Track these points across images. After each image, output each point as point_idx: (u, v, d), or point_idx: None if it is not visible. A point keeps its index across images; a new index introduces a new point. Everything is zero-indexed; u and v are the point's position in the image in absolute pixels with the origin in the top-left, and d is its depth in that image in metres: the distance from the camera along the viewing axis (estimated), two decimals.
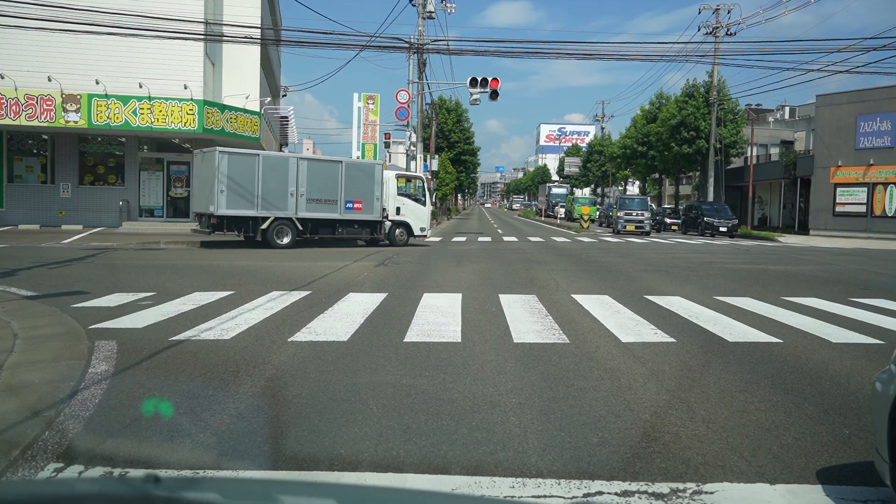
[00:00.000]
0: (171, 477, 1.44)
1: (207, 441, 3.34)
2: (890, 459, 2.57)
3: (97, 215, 22.79)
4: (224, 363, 4.91)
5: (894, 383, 2.61)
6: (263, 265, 12.44)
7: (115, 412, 3.78)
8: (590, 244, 21.73)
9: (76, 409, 3.77)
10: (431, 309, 7.47)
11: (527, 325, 6.56)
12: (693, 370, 4.94)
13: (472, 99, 26.50)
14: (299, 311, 7.19)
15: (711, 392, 4.36)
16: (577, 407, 3.97)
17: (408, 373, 4.72)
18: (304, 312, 7.13)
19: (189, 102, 21.14)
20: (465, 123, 58.00)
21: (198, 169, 18.05)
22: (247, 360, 5.02)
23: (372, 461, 3.12)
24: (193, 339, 5.66)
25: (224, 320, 6.56)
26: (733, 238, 29.80)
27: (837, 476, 3.07)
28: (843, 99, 34.29)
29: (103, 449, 3.23)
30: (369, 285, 9.58)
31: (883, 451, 2.62)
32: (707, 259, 16.05)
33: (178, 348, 5.35)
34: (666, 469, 3.09)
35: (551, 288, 9.69)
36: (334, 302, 7.87)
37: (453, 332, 6.19)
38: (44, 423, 3.50)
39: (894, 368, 2.66)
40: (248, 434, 3.47)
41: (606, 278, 11.20)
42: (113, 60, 20.77)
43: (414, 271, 11.76)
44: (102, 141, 23.27)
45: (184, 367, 4.80)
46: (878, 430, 2.68)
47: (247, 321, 6.52)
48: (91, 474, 2.90)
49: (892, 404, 2.57)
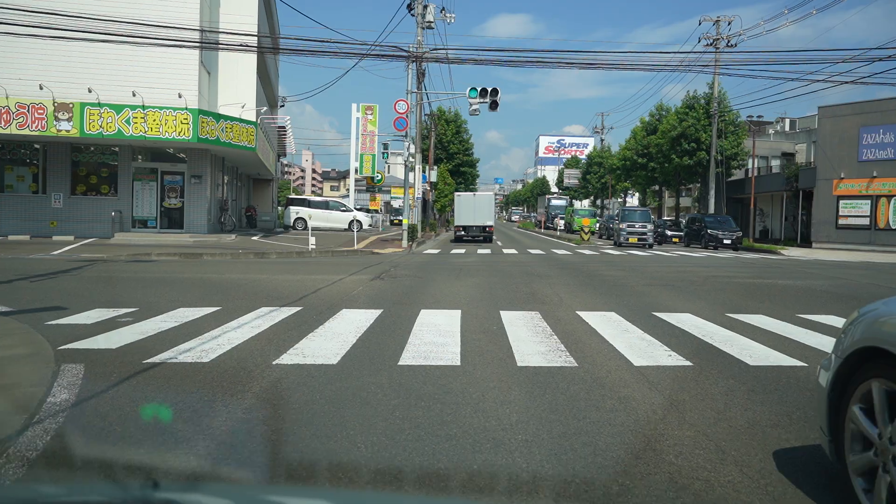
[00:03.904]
0: (169, 483, 1.38)
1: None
2: (829, 434, 2.96)
3: (89, 226, 22.36)
4: (199, 391, 4.45)
5: (833, 369, 2.97)
6: (255, 278, 12.00)
7: (64, 455, 3.32)
8: (591, 257, 21.31)
9: (22, 448, 3.31)
10: (429, 327, 7.02)
11: (531, 346, 6.11)
12: (716, 400, 4.49)
13: (471, 109, 26.16)
14: (288, 330, 6.74)
15: (740, 427, 3.91)
16: (592, 445, 3.52)
17: (402, 402, 4.28)
18: (292, 331, 6.68)
19: (183, 111, 20.78)
20: (464, 135, 57.73)
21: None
22: (224, 387, 4.57)
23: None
24: (169, 362, 5.20)
25: (206, 340, 6.10)
26: (738, 251, 29.28)
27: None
28: (845, 111, 34.02)
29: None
30: (364, 301, 9.13)
31: (825, 427, 3.02)
32: (713, 273, 15.62)
33: (150, 373, 4.90)
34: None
35: (555, 304, 9.25)
36: (326, 319, 7.42)
37: (452, 353, 5.74)
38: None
39: (834, 357, 3.00)
40: (215, 478, 3.01)
41: (611, 293, 10.77)
42: (106, 68, 20.43)
43: (411, 285, 11.32)
44: (95, 150, 22.89)
45: (154, 395, 4.35)
46: (819, 411, 3.08)
47: (230, 341, 6.06)
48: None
49: (830, 387, 2.96)
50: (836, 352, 3.02)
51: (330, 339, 6.25)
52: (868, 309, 2.96)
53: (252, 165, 30.58)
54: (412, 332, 6.73)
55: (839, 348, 3.00)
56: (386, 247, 23.74)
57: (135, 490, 1.08)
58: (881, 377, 2.67)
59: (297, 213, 34.77)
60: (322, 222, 34.41)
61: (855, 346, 2.85)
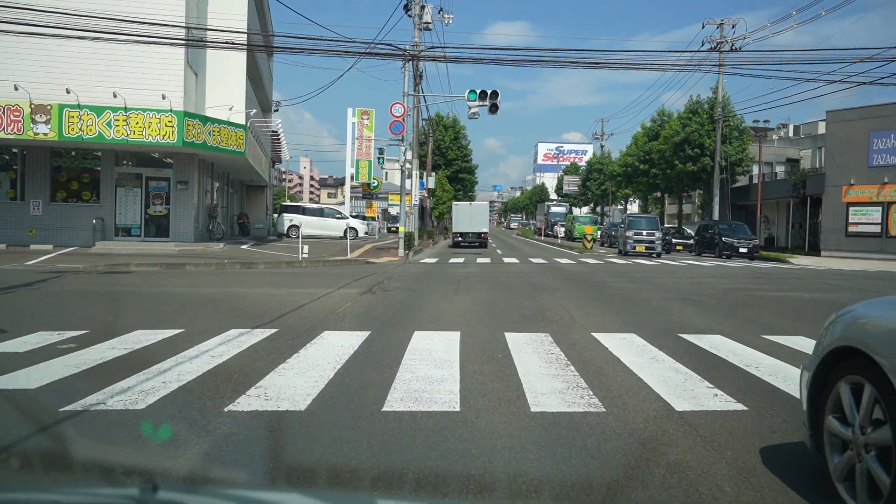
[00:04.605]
0: (168, 486, 0.99)
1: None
2: (810, 428, 3.14)
3: (70, 234, 21.28)
4: (116, 456, 3.40)
5: (813, 368, 3.13)
6: (234, 293, 10.94)
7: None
8: (596, 266, 20.27)
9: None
10: (422, 355, 5.97)
11: (545, 381, 5.07)
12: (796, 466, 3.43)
13: (470, 113, 25.16)
14: (254, 360, 5.68)
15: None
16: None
17: (384, 471, 3.23)
18: (260, 361, 5.63)
19: (168, 114, 19.74)
20: (462, 140, 56.80)
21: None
22: (152, 449, 3.51)
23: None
24: (94, 410, 4.14)
25: (151, 375, 5.05)
26: (753, 260, 27.98)
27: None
28: (854, 115, 33.07)
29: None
30: (350, 320, 8.07)
31: (806, 423, 3.18)
32: (729, 284, 14.58)
33: (63, 426, 3.84)
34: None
35: (566, 323, 8.20)
36: (303, 345, 6.36)
37: (449, 393, 4.69)
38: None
39: (814, 357, 3.14)
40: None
41: (626, 310, 9.72)
42: (86, 68, 19.40)
43: (405, 300, 10.27)
44: (77, 155, 21.84)
45: (55, 464, 3.29)
46: (803, 405, 3.22)
47: (180, 377, 5.00)
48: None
49: (810, 384, 3.14)
50: (815, 352, 3.19)
51: (303, 373, 5.19)
52: (846, 311, 3.12)
53: (243, 171, 29.54)
54: (402, 362, 5.68)
55: (818, 348, 3.16)
56: (381, 255, 22.70)
57: (134, 493, 1.11)
58: (855, 374, 2.84)
59: (291, 221, 33.73)
60: (317, 230, 33.42)
61: (832, 346, 3.01)
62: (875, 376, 2.68)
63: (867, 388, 2.75)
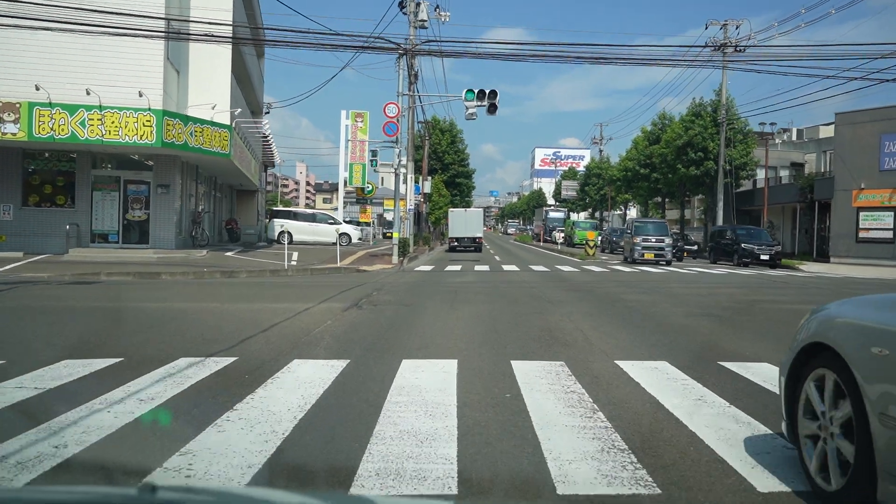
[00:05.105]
0: (167, 486, 1.24)
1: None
2: (788, 418, 3.44)
3: (43, 241, 20.01)
4: None
5: (788, 362, 3.45)
6: (203, 308, 9.68)
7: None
8: (602, 275, 19.06)
9: None
10: (410, 397, 4.73)
11: (570, 439, 3.84)
12: None
13: (467, 113, 23.97)
14: (193, 406, 4.44)
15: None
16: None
17: None
18: (199, 407, 4.39)
19: (146, 112, 18.52)
20: (459, 145, 55.58)
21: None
22: None
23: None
24: None
25: (50, 431, 3.80)
26: (775, 268, 26.09)
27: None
28: (864, 117, 31.98)
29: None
30: (327, 344, 6.83)
31: (784, 413, 3.48)
32: (752, 296, 13.38)
33: None
34: None
35: (581, 347, 6.98)
36: (262, 381, 5.12)
37: (444, 461, 3.45)
38: None
39: (790, 352, 3.45)
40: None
41: (646, 328, 8.51)
42: (57, 63, 18.17)
43: (394, 317, 9.03)
44: (50, 157, 20.58)
45: None
46: (781, 398, 3.53)
47: (84, 436, 3.75)
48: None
49: (787, 376, 3.44)
50: (791, 347, 3.46)
51: (251, 428, 3.95)
52: (820, 309, 3.42)
53: (231, 175, 28.29)
54: (384, 407, 4.44)
55: (794, 344, 3.43)
56: (374, 263, 21.47)
57: (132, 493, 1.09)
58: (824, 367, 3.12)
59: (282, 227, 32.47)
60: (309, 236, 32.22)
61: (805, 342, 3.30)
62: (840, 369, 2.97)
63: (834, 381, 3.03)
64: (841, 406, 2.98)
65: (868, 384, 2.78)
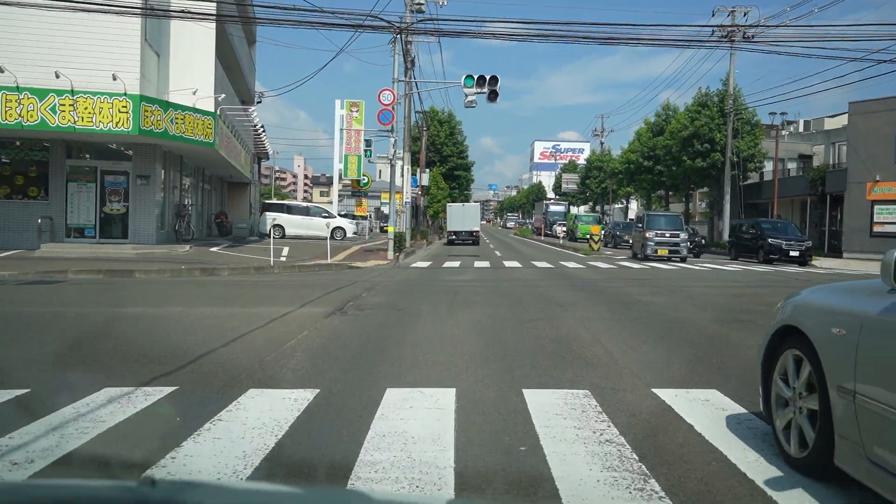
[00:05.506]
0: (167, 480, 1.25)
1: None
2: (763, 392, 3.74)
3: (14, 235, 18.75)
4: None
5: (765, 344, 3.73)
6: (165, 314, 8.45)
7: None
8: (611, 272, 17.84)
9: None
10: (393, 450, 3.51)
11: None
12: None
13: (467, 101, 22.70)
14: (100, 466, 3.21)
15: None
16: None
17: None
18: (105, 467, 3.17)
19: (122, 98, 17.24)
20: (458, 136, 54.30)
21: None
22: None
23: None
24: None
25: None
26: (804, 265, 23.74)
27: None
28: (879, 106, 30.74)
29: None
30: (296, 365, 5.60)
31: (761, 390, 3.76)
32: (779, 296, 12.17)
33: None
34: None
35: (606, 366, 5.76)
36: (197, 427, 3.87)
37: None
38: None
39: (766, 335, 3.75)
40: None
41: (675, 340, 7.29)
42: (23, 43, 16.86)
43: (382, 326, 7.80)
44: (22, 146, 19.28)
45: None
46: (759, 377, 3.80)
47: None
48: None
49: (764, 355, 3.72)
50: (768, 330, 3.74)
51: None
52: (793, 294, 3.73)
53: (219, 166, 27.00)
54: (355, 469, 3.22)
55: (770, 327, 3.73)
56: (368, 258, 20.25)
57: (131, 486, 1.07)
58: (794, 348, 3.43)
59: (275, 220, 31.02)
60: (302, 230, 30.98)
61: (779, 325, 3.61)
62: (807, 348, 3.29)
63: (803, 359, 3.34)
64: (809, 382, 3.27)
65: (828, 360, 3.10)
